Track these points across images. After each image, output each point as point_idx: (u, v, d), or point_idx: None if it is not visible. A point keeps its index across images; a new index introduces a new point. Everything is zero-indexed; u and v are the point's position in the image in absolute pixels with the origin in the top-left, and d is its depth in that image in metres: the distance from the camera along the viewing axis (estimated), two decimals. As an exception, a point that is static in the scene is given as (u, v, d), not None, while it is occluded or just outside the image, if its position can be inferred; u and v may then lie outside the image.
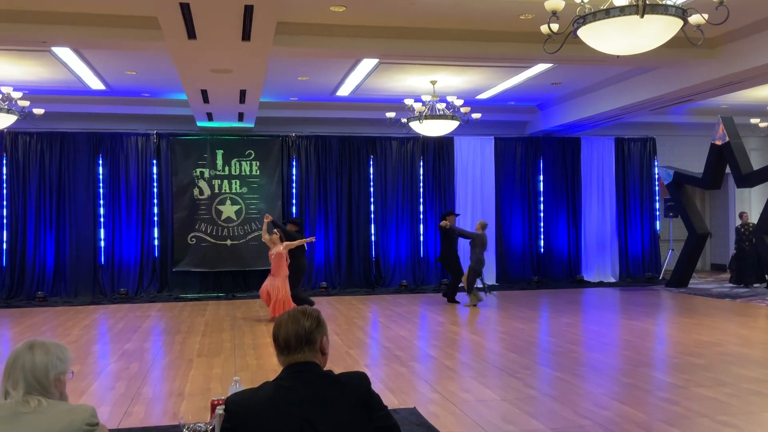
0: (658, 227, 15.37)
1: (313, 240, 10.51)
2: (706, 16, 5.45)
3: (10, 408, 2.21)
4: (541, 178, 14.84)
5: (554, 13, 5.39)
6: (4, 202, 12.77)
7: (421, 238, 14.29)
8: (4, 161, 12.79)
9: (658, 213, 15.39)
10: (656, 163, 15.28)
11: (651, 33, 5.42)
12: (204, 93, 10.30)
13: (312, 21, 8.20)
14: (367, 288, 13.80)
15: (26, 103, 10.00)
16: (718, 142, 12.68)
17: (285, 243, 9.93)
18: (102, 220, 13.13)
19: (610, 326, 9.48)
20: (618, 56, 5.97)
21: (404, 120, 11.19)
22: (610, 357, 7.33)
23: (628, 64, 10.12)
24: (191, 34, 7.03)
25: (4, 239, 12.71)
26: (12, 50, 9.18)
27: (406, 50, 8.76)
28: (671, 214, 15.18)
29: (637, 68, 10.88)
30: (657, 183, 15.33)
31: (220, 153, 13.48)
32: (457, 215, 12.42)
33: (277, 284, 9.71)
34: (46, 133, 12.82)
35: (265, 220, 10.36)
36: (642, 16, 5.12)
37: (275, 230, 10.15)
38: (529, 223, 14.72)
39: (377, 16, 8.11)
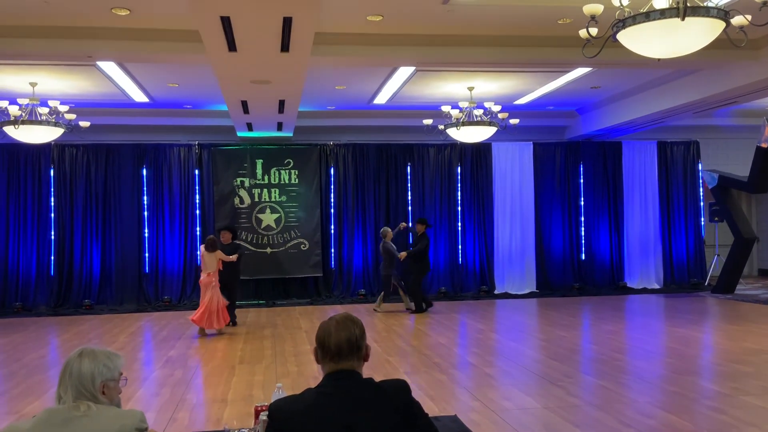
0: (703, 232, 15.04)
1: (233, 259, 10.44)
2: (749, 17, 5.33)
3: (62, 413, 2.28)
4: (582, 183, 14.66)
5: (593, 17, 5.34)
6: (52, 214, 13.13)
7: (460, 245, 14.23)
8: (52, 173, 13.17)
9: (702, 217, 15.06)
10: (700, 167, 14.97)
11: (692, 36, 5.33)
12: (244, 104, 10.46)
13: (349, 31, 8.27)
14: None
15: (73, 116, 10.29)
16: (764, 145, 12.36)
17: (218, 253, 9.90)
18: (146, 229, 13.41)
19: (654, 334, 9.31)
20: (659, 60, 5.88)
21: (441, 127, 11.19)
22: (654, 365, 7.20)
23: (670, 66, 9.95)
24: (232, 46, 7.16)
25: (53, 249, 13.08)
26: (59, 65, 9.47)
27: (443, 57, 8.77)
28: (716, 218, 14.85)
29: (679, 71, 10.69)
30: (701, 187, 15.02)
31: (259, 162, 13.66)
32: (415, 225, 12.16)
33: (215, 293, 9.65)
34: (91, 145, 13.17)
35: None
36: (683, 19, 5.04)
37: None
38: (569, 229, 14.55)
39: (414, 24, 8.15)
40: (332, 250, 13.88)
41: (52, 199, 13.15)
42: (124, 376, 2.49)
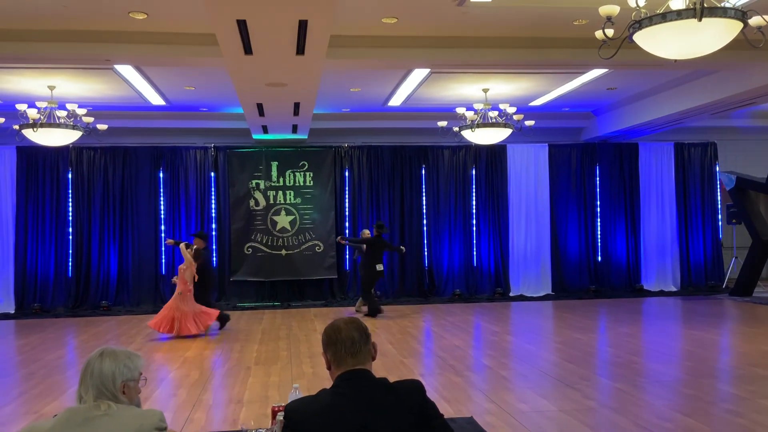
0: (720, 234, 14.91)
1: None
2: (767, 17, 5.30)
3: (83, 413, 2.31)
4: (598, 185, 14.58)
5: (609, 18, 5.32)
6: (70, 216, 13.27)
7: (474, 247, 14.21)
8: (70, 175, 13.31)
9: (720, 219, 14.93)
10: (717, 168, 14.85)
11: (709, 36, 5.29)
12: (259, 106, 10.52)
13: (364, 33, 8.29)
14: (420, 297, 13.79)
15: (90, 120, 10.40)
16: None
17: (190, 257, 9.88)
18: (163, 231, 13.51)
19: (671, 336, 9.24)
20: (676, 60, 5.85)
21: (456, 129, 11.18)
22: (671, 368, 7.15)
23: (687, 67, 9.88)
24: (247, 49, 7.20)
25: (71, 250, 13.20)
26: (77, 68, 9.57)
27: (458, 59, 8.77)
28: (734, 220, 14.70)
29: (696, 72, 10.62)
30: (719, 189, 14.89)
31: (274, 164, 13.72)
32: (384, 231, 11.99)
33: (179, 302, 9.62)
34: (109, 148, 13.29)
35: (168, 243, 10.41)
36: (700, 20, 5.01)
37: (189, 245, 10.13)
38: (585, 231, 14.47)
39: (428, 27, 8.16)
40: (347, 252, 13.91)
41: (70, 201, 13.28)
42: (143, 376, 2.52)
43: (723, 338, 9.03)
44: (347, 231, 13.89)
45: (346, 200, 14.04)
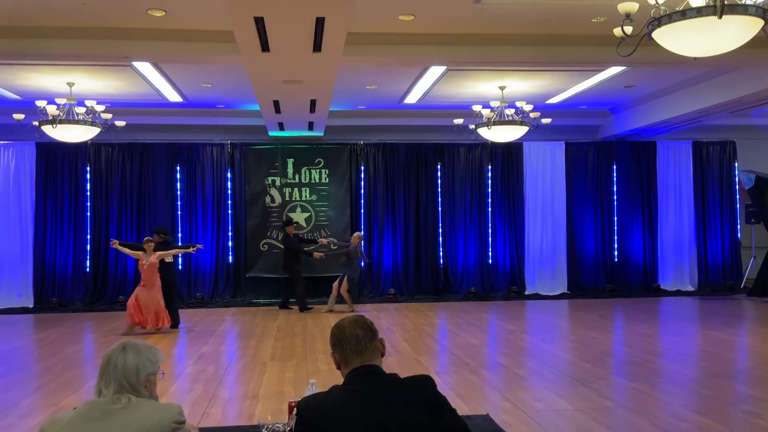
0: (738, 234, 14.76)
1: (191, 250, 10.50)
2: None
3: (102, 406, 2.33)
4: (615, 183, 14.49)
5: (628, 15, 5.28)
6: (89, 212, 13.39)
7: (490, 245, 14.17)
8: (89, 171, 13.43)
9: (738, 219, 14.78)
10: (736, 167, 14.70)
11: (730, 34, 5.23)
12: (276, 103, 10.55)
13: (381, 30, 8.28)
14: (435, 295, 13.78)
15: (109, 116, 10.48)
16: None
17: (158, 253, 9.79)
18: (179, 227, 13.60)
19: (688, 336, 9.18)
20: (695, 58, 5.80)
21: (472, 126, 11.15)
22: (688, 368, 7.10)
23: (706, 65, 9.79)
24: (265, 47, 7.23)
25: (88, 246, 13.33)
26: (96, 65, 9.65)
27: (475, 56, 8.74)
28: (753, 219, 14.54)
29: (716, 69, 10.51)
30: (737, 188, 14.74)
31: (290, 162, 13.77)
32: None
33: (154, 295, 9.59)
34: (127, 144, 13.40)
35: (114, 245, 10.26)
36: (720, 17, 4.95)
37: (150, 240, 10.01)
38: (602, 229, 14.38)
39: (446, 24, 8.14)
40: (362, 249, 13.91)
41: (89, 197, 13.40)
42: (161, 370, 2.54)
43: (741, 339, 8.95)
44: (362, 228, 13.90)
45: (362, 198, 14.06)
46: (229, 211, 13.80)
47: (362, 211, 14.04)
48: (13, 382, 6.69)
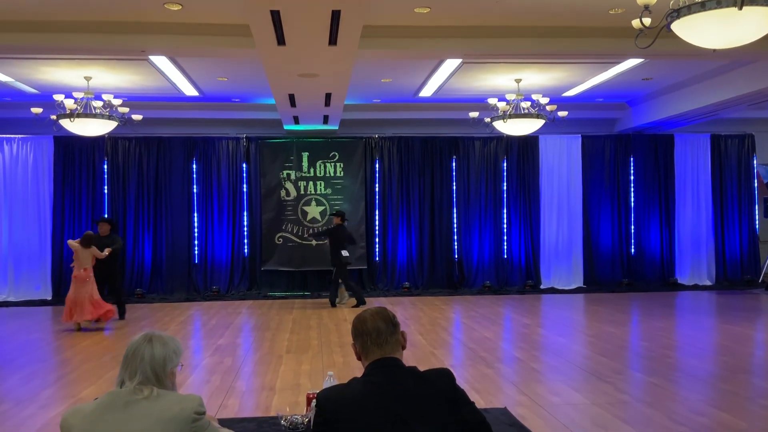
0: (757, 228, 14.61)
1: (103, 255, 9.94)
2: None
3: (125, 396, 2.35)
4: (632, 177, 14.38)
5: (646, 7, 5.23)
6: (106, 205, 13.50)
7: (505, 239, 14.13)
8: (105, 165, 13.53)
9: (757, 213, 14.63)
10: (755, 161, 14.54)
11: (750, 26, 5.17)
12: (291, 97, 10.56)
13: (396, 23, 8.26)
14: (450, 289, 13.77)
15: (126, 110, 10.54)
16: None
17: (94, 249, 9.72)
18: (196, 221, 13.69)
19: (706, 331, 9.11)
20: (714, 50, 5.73)
21: (488, 119, 11.11)
22: (706, 362, 7.05)
23: (725, 57, 9.67)
24: (281, 40, 7.24)
25: (106, 239, 13.42)
26: (113, 59, 9.70)
27: (491, 49, 8.69)
28: (772, 214, 14.41)
29: (735, 62, 10.38)
30: (756, 181, 14.59)
31: (305, 155, 13.79)
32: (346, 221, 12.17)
33: (90, 287, 9.49)
34: (143, 138, 13.48)
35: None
36: (740, 8, 4.89)
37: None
38: (618, 223, 14.28)
39: (462, 16, 8.10)
40: (377, 243, 13.95)
41: (106, 190, 13.51)
42: (180, 362, 2.56)
43: (759, 333, 8.87)
44: (377, 221, 13.92)
45: (376, 191, 14.06)
46: (245, 205, 13.86)
47: (377, 204, 14.04)
48: (32, 373, 6.77)
